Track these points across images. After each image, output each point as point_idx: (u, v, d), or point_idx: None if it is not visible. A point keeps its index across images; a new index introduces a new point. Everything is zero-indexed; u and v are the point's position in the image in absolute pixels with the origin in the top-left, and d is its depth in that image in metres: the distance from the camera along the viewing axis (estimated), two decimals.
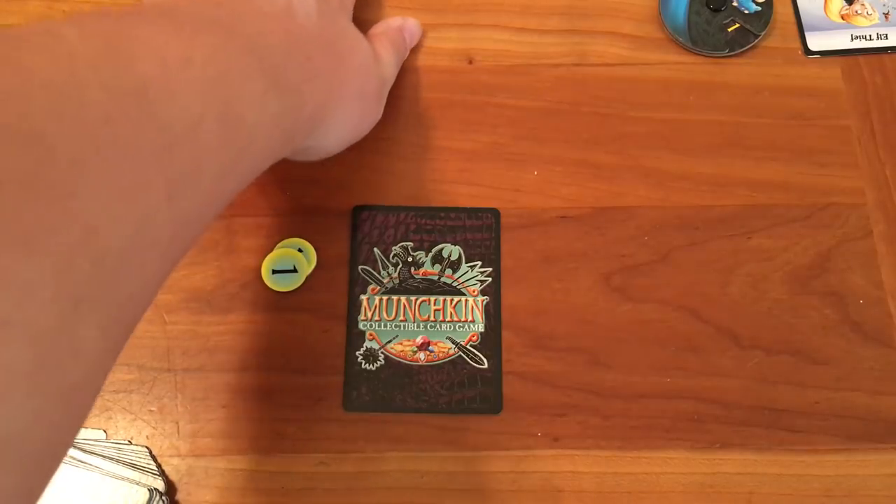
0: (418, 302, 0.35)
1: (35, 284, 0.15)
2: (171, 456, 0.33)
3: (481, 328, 0.35)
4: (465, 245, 0.36)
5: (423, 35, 0.40)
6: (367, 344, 0.34)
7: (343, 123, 0.31)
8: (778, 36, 0.40)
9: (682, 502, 0.33)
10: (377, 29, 0.37)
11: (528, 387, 0.34)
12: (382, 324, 0.35)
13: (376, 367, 0.34)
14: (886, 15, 0.40)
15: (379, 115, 0.35)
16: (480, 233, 0.36)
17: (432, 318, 0.35)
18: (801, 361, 0.35)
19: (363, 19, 0.39)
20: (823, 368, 0.34)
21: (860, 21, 0.40)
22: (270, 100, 0.24)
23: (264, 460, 0.33)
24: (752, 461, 0.33)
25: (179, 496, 0.32)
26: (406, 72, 0.39)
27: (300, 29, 0.28)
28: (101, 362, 0.18)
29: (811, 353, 0.35)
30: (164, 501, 0.31)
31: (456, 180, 0.37)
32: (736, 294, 0.35)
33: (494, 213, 0.37)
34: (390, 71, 0.35)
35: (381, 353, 0.34)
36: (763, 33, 0.39)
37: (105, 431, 0.33)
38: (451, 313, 0.35)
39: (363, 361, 0.34)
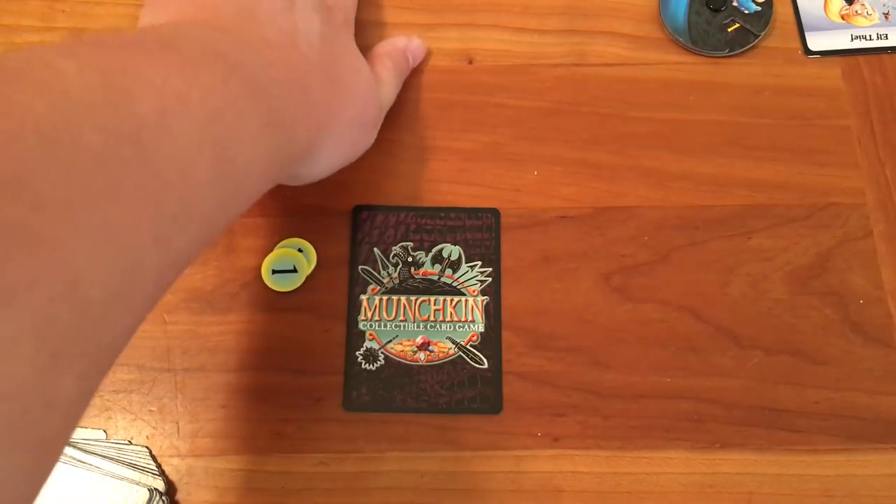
0: (418, 302, 0.35)
1: (14, 340, 0.15)
2: (171, 456, 0.33)
3: (481, 328, 0.35)
4: (465, 245, 0.36)
5: (423, 35, 0.40)
6: (367, 344, 0.35)
7: (334, 152, 0.31)
8: (778, 36, 0.40)
9: (682, 502, 0.33)
10: (381, 49, 0.36)
11: (528, 387, 0.34)
12: (382, 324, 0.35)
13: (376, 367, 0.34)
14: (886, 15, 0.40)
15: (371, 141, 0.34)
16: (480, 233, 0.36)
17: (432, 318, 0.35)
18: (801, 361, 0.35)
19: (363, 20, 0.39)
20: (823, 368, 0.34)
21: (860, 21, 0.40)
22: (265, 138, 0.24)
23: (264, 460, 0.33)
24: (752, 461, 0.33)
25: (179, 496, 0.32)
26: None
27: (301, 59, 0.27)
28: (75, 410, 0.18)
29: (811, 353, 0.35)
30: (164, 501, 0.31)
31: (456, 180, 0.37)
32: (736, 294, 0.35)
33: (494, 213, 0.37)
34: (390, 94, 0.35)
35: (381, 353, 0.34)
36: (763, 33, 0.39)
37: (105, 431, 0.33)
38: (451, 313, 0.35)
39: (363, 361, 0.34)
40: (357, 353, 0.34)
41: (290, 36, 0.27)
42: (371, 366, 0.34)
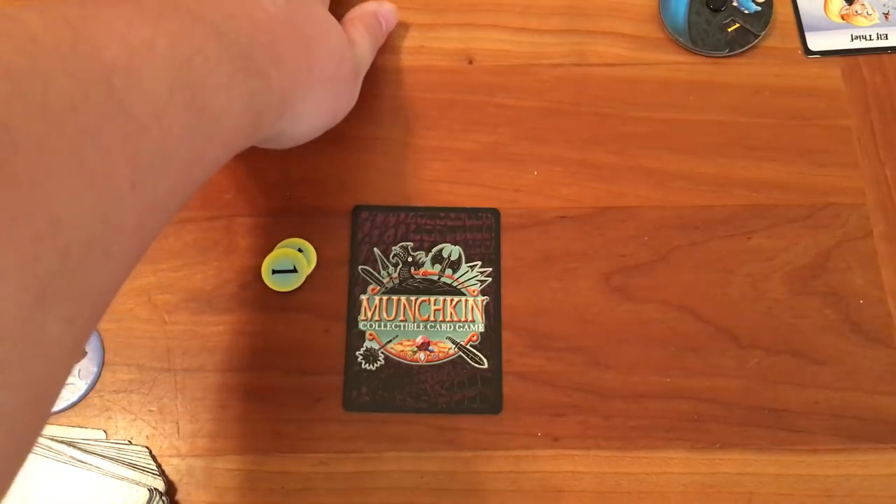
0: (418, 302, 0.35)
1: None
2: (171, 456, 0.33)
3: (481, 328, 0.35)
4: (465, 245, 0.36)
5: (423, 35, 0.40)
6: (367, 344, 0.34)
7: (315, 108, 0.31)
8: (778, 36, 0.40)
9: (682, 502, 0.33)
10: (352, 13, 0.37)
11: (528, 387, 0.34)
12: (382, 324, 0.35)
13: (376, 367, 0.34)
14: (886, 15, 0.40)
15: (353, 101, 0.34)
16: (480, 233, 0.36)
17: (432, 318, 0.35)
18: (801, 361, 0.35)
19: None
20: (823, 368, 0.34)
21: (860, 21, 0.40)
22: (236, 85, 0.24)
23: (264, 460, 0.33)
24: (752, 461, 0.33)
25: (179, 496, 0.32)
26: (406, 72, 0.39)
27: (264, 14, 0.27)
28: (65, 355, 0.18)
29: (811, 353, 0.35)
30: (164, 501, 0.31)
31: (456, 180, 0.37)
32: (736, 294, 0.35)
33: (494, 213, 0.37)
34: (365, 56, 0.35)
35: (381, 353, 0.34)
36: (763, 33, 0.39)
37: (105, 431, 0.33)
38: (451, 313, 0.35)
39: (363, 361, 0.34)
40: (357, 353, 0.34)
41: None
42: (371, 366, 0.34)
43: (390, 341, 0.35)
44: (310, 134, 0.32)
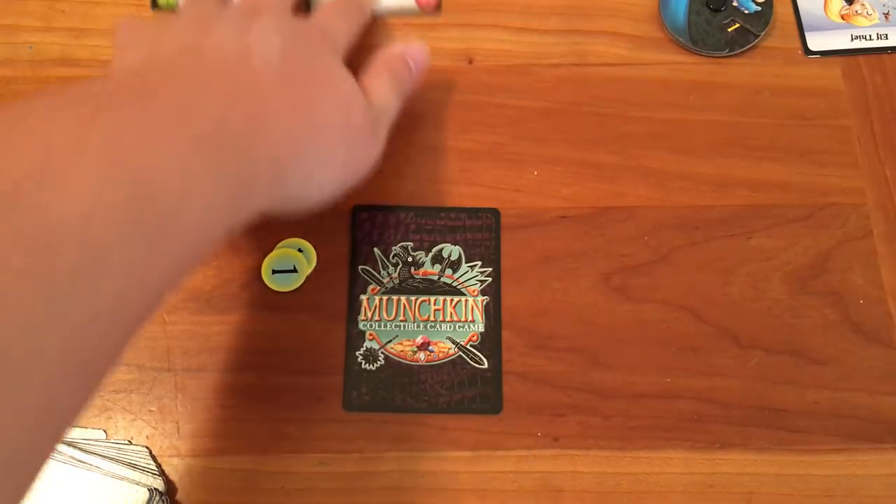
0: (418, 302, 0.35)
1: None
2: (171, 456, 0.33)
3: (481, 328, 0.35)
4: (465, 245, 0.36)
5: (423, 35, 0.40)
6: (367, 344, 0.35)
7: (323, 167, 0.29)
8: (778, 36, 0.40)
9: (682, 502, 0.33)
10: (377, 59, 0.34)
11: (528, 387, 0.34)
12: (382, 324, 0.35)
13: (376, 367, 0.34)
14: (886, 15, 0.40)
15: (376, 154, 0.32)
16: (480, 233, 0.36)
17: (432, 318, 0.35)
18: (801, 361, 0.35)
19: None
20: (823, 368, 0.34)
21: (860, 21, 0.40)
22: (198, 162, 0.22)
23: (264, 460, 0.33)
24: (752, 461, 0.33)
25: (179, 496, 0.32)
26: None
27: (251, 76, 0.26)
28: None
29: (811, 353, 0.35)
30: (164, 501, 0.31)
31: (456, 180, 0.37)
32: (736, 294, 0.35)
33: (494, 213, 0.37)
34: (387, 103, 0.32)
35: (381, 353, 0.34)
36: (763, 33, 0.39)
37: (105, 431, 0.33)
38: (451, 313, 0.35)
39: (363, 361, 0.34)
40: (357, 353, 0.34)
41: (241, 58, 0.26)
42: (371, 366, 0.34)
43: (390, 341, 0.35)
44: (325, 194, 0.30)
